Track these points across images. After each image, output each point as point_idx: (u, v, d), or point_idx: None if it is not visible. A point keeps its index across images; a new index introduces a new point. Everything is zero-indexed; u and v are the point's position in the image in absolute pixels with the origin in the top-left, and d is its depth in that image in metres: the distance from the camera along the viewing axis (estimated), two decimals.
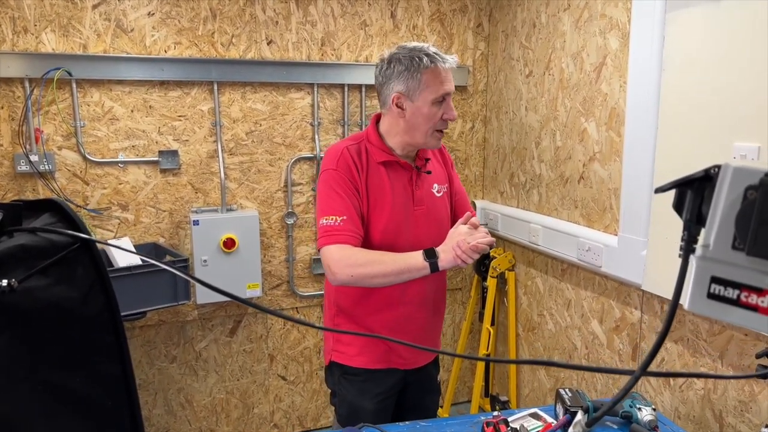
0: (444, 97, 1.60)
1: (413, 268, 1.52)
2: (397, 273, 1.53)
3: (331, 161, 1.62)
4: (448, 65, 1.60)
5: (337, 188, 1.59)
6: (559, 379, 2.51)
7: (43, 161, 2.30)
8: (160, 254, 2.44)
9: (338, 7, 2.66)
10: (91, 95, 2.37)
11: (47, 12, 2.27)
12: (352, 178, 1.60)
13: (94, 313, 0.51)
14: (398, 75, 1.59)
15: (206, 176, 2.58)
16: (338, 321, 1.74)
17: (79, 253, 0.52)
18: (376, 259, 1.53)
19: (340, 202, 1.57)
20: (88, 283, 0.51)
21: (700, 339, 1.79)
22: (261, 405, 2.85)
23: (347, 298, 1.71)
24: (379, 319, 1.70)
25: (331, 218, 1.55)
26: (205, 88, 2.52)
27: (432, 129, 1.62)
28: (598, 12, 2.13)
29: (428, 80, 1.57)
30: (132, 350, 2.58)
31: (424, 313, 1.76)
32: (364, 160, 1.64)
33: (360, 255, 1.53)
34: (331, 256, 1.53)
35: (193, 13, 2.46)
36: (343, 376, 1.75)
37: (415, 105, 1.59)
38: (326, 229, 1.55)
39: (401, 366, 1.76)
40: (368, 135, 1.69)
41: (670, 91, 1.79)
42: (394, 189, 1.65)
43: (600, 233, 2.16)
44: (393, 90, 1.61)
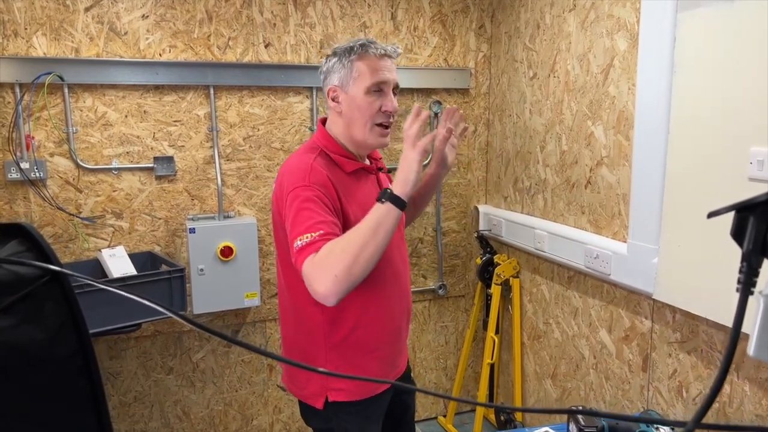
0: (379, 86, 1.48)
1: (381, 218, 1.31)
2: (372, 235, 1.30)
3: (300, 178, 1.42)
4: (381, 52, 1.49)
5: (310, 205, 1.38)
6: (566, 389, 2.44)
7: (35, 168, 2.23)
8: (156, 263, 2.37)
9: (337, 9, 2.59)
10: (83, 100, 2.30)
11: (38, 15, 2.20)
12: (328, 194, 1.42)
13: (65, 356, 0.44)
14: (332, 67, 1.52)
15: (203, 183, 2.52)
16: (331, 357, 1.56)
17: (49, 286, 0.45)
18: (345, 241, 1.31)
19: (316, 217, 1.36)
20: (58, 322, 0.45)
21: (715, 350, 1.73)
22: (260, 416, 2.78)
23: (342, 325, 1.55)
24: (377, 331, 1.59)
25: (307, 236, 1.33)
26: (201, 93, 2.46)
27: (370, 122, 1.49)
28: (605, 12, 2.07)
29: (360, 68, 1.48)
30: (127, 361, 2.51)
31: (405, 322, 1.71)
32: (333, 172, 1.48)
33: (331, 249, 1.30)
34: (307, 271, 1.31)
35: (189, 16, 2.39)
36: (341, 410, 1.59)
37: (349, 96, 1.49)
38: (300, 249, 1.33)
39: (396, 376, 1.71)
40: (325, 143, 1.54)
41: (682, 94, 1.73)
42: (366, 196, 1.52)
43: (608, 240, 2.10)
44: (329, 84, 1.53)
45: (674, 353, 1.87)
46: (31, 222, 2.30)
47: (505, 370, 2.93)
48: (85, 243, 2.37)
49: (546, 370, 2.58)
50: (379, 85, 1.49)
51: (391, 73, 1.51)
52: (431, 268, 2.99)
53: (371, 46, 1.49)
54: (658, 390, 1.95)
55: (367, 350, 1.59)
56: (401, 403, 1.83)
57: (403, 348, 1.75)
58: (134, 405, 2.55)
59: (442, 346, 3.09)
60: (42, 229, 2.31)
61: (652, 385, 1.97)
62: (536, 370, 2.66)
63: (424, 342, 3.04)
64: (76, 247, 2.37)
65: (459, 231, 3.02)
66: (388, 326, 1.62)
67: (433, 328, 3.06)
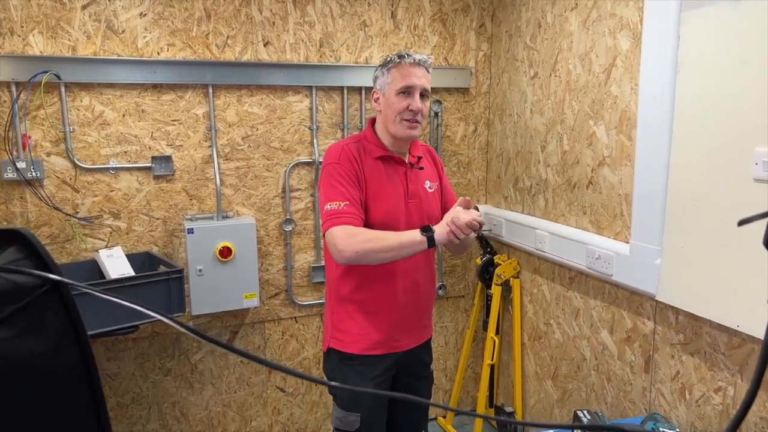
0: (407, 89, 1.77)
1: (413, 242, 1.67)
2: (398, 248, 1.67)
3: (333, 156, 1.80)
4: (412, 61, 1.78)
5: (339, 178, 1.75)
6: (566, 390, 2.43)
7: (31, 168, 2.21)
8: (154, 264, 2.35)
9: (337, 7, 2.57)
10: (80, 99, 2.28)
11: (34, 13, 2.18)
12: (353, 169, 1.77)
13: (66, 368, 0.43)
14: (377, 76, 1.85)
15: (201, 182, 2.49)
16: (337, 309, 1.89)
17: (49, 296, 0.43)
18: (378, 236, 1.68)
19: (342, 190, 1.73)
20: (59, 333, 0.43)
21: (718, 352, 1.71)
22: (259, 418, 2.76)
23: (348, 286, 1.86)
24: (378, 305, 1.85)
25: (335, 203, 1.71)
26: (200, 92, 2.44)
27: (398, 117, 1.78)
28: (607, 11, 2.06)
29: (394, 74, 1.79)
30: (125, 363, 2.49)
31: (419, 296, 1.93)
32: (362, 155, 1.82)
33: (363, 233, 1.69)
34: (337, 235, 1.67)
35: (187, 14, 2.37)
36: (341, 361, 1.88)
37: (386, 97, 1.81)
38: (331, 213, 1.70)
39: (395, 349, 1.90)
40: (365, 134, 1.89)
41: (686, 94, 1.72)
42: (391, 181, 1.84)
43: (610, 240, 2.09)
44: (374, 89, 1.87)
45: (677, 355, 1.86)
46: (28, 222, 2.27)
47: (506, 371, 2.92)
48: (83, 243, 2.34)
49: (547, 371, 2.57)
50: (407, 88, 1.77)
51: (419, 79, 1.79)
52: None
53: (405, 57, 1.79)
54: (660, 392, 1.94)
55: (366, 312, 1.86)
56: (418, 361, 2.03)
57: (412, 328, 1.94)
58: (132, 406, 2.53)
59: (441, 347, 3.07)
60: (38, 229, 2.28)
61: (655, 386, 1.96)
62: (537, 370, 2.64)
63: None
64: (73, 247, 2.34)
65: None
66: (390, 299, 1.86)
67: (433, 329, 3.03)
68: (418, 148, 1.96)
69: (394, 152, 1.86)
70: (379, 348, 1.87)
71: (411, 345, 1.95)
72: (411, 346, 1.95)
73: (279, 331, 2.73)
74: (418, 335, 1.99)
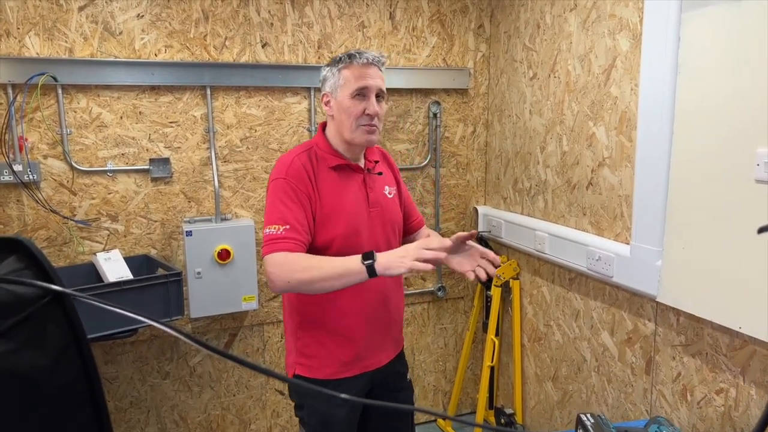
0: (361, 91, 1.63)
1: (351, 272, 1.47)
2: (335, 278, 1.49)
3: (280, 170, 1.64)
4: (365, 61, 1.64)
5: (283, 197, 1.59)
6: (567, 392, 2.42)
7: (28, 171, 2.19)
8: (152, 267, 2.33)
9: (335, 8, 2.56)
10: (77, 101, 2.26)
11: (31, 14, 2.16)
12: (303, 185, 1.61)
13: (68, 382, 0.41)
14: (326, 76, 1.70)
15: (199, 185, 2.48)
16: (300, 334, 1.74)
17: (50, 307, 0.42)
18: (314, 265, 1.51)
19: (285, 210, 1.58)
20: (60, 346, 0.42)
21: (720, 354, 1.71)
22: (258, 421, 2.75)
23: (310, 307, 1.71)
24: (345, 323, 1.72)
25: (274, 227, 1.55)
26: (198, 93, 2.42)
27: (355, 123, 1.64)
28: (606, 12, 2.05)
29: (346, 76, 1.64)
30: (123, 366, 2.47)
31: (387, 310, 1.79)
32: (315, 166, 1.66)
33: (299, 261, 1.52)
34: (270, 263, 1.52)
35: (185, 15, 2.35)
36: (310, 389, 1.71)
37: (338, 101, 1.66)
38: (269, 237, 1.55)
39: (367, 368, 1.77)
40: (317, 142, 1.73)
41: (687, 95, 1.71)
42: (349, 192, 1.69)
43: (611, 242, 2.08)
44: (323, 91, 1.71)
45: (678, 356, 1.86)
46: (24, 225, 2.25)
47: (505, 372, 2.91)
48: (80, 247, 2.33)
49: (547, 373, 2.56)
50: (361, 90, 1.63)
51: (374, 80, 1.65)
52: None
53: (357, 56, 1.64)
54: (661, 393, 1.93)
55: (334, 334, 1.71)
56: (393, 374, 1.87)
57: (384, 344, 1.82)
58: (130, 410, 2.51)
59: (441, 349, 3.07)
60: (35, 232, 2.27)
61: (656, 388, 1.96)
62: (537, 372, 2.64)
63: (423, 344, 3.02)
64: (71, 250, 2.32)
65: (458, 232, 2.98)
66: (357, 316, 1.72)
67: (432, 331, 3.03)
68: (374, 152, 1.82)
69: (350, 159, 1.71)
70: (350, 369, 1.74)
71: (384, 361, 1.82)
72: (384, 362, 1.82)
73: (278, 333, 2.71)
74: (391, 349, 1.85)
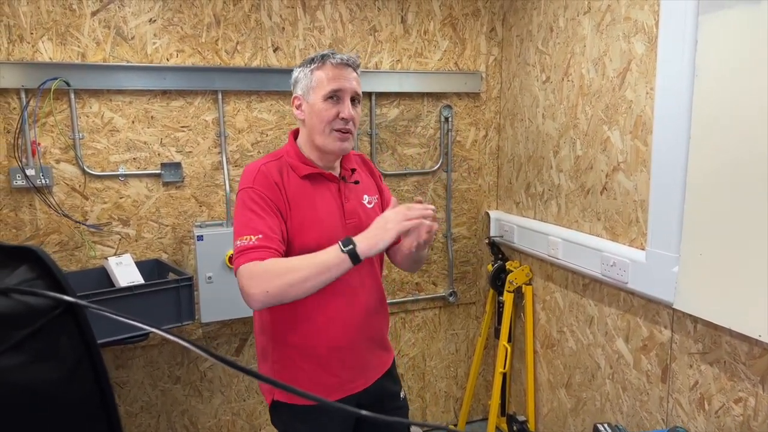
0: (336, 93, 1.52)
1: (332, 264, 1.36)
2: (316, 275, 1.36)
3: (247, 180, 1.53)
4: (339, 61, 1.53)
5: (253, 206, 1.48)
6: (580, 399, 2.39)
7: (40, 175, 2.20)
8: (163, 271, 2.33)
9: (347, 12, 2.56)
10: (90, 106, 2.27)
11: (44, 20, 2.17)
12: (272, 195, 1.50)
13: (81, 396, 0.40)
14: (297, 77, 1.59)
15: (210, 189, 2.48)
16: (276, 356, 1.60)
17: (63, 319, 0.41)
18: (290, 267, 1.38)
19: (255, 219, 1.46)
20: (74, 359, 0.40)
21: (739, 362, 1.67)
22: (268, 426, 2.73)
23: (284, 326, 1.58)
24: (325, 340, 1.58)
25: (246, 238, 1.43)
26: (209, 98, 2.42)
27: (327, 128, 1.53)
28: (621, 15, 2.03)
29: (319, 77, 1.53)
30: (134, 371, 2.47)
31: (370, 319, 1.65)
32: (285, 176, 1.55)
33: (274, 266, 1.39)
34: (243, 276, 1.39)
35: (197, 20, 2.36)
36: (294, 416, 1.59)
37: (309, 104, 1.55)
38: (239, 249, 1.43)
39: (352, 391, 1.63)
40: (287, 150, 1.61)
41: (704, 99, 1.68)
42: (322, 203, 1.57)
43: (626, 247, 2.05)
44: (294, 93, 1.60)
45: (695, 364, 1.82)
46: (37, 230, 2.26)
47: (517, 379, 2.88)
48: (92, 251, 2.33)
49: (560, 380, 2.53)
50: (335, 93, 1.52)
51: (349, 82, 1.54)
52: (441, 274, 2.94)
53: (330, 56, 1.54)
54: (678, 402, 1.90)
55: (312, 356, 1.58)
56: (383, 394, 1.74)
57: (368, 362, 1.68)
58: (141, 415, 2.51)
59: (452, 354, 3.04)
60: (47, 237, 2.27)
61: (672, 396, 1.92)
62: (550, 379, 2.61)
63: (434, 350, 3.00)
64: (82, 255, 2.33)
65: (469, 237, 2.97)
66: (335, 338, 1.59)
67: (444, 336, 3.01)
68: (351, 159, 1.69)
69: (323, 168, 1.59)
70: (334, 393, 1.59)
71: (371, 380, 1.67)
72: (371, 381, 1.67)
73: None
74: (377, 366, 1.71)
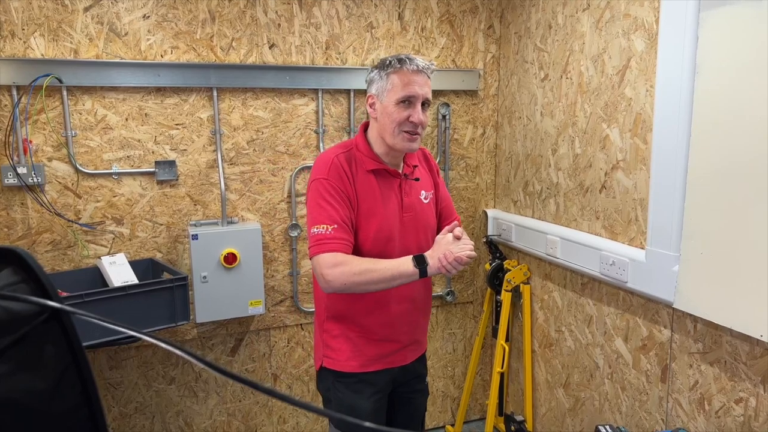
0: (409, 99, 1.63)
1: (405, 274, 1.58)
2: (389, 279, 1.58)
3: (321, 170, 1.66)
4: (414, 68, 1.63)
5: (327, 197, 1.62)
6: (579, 399, 2.37)
7: (32, 174, 2.16)
8: (158, 271, 2.30)
9: (343, 9, 2.53)
10: (82, 103, 2.24)
11: (36, 15, 2.13)
12: (343, 186, 1.64)
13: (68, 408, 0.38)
14: (373, 78, 1.69)
15: (205, 187, 2.45)
16: (328, 326, 1.79)
17: (48, 326, 0.39)
18: (369, 268, 1.58)
19: (331, 210, 1.61)
20: (59, 368, 0.38)
21: (740, 362, 1.66)
22: (264, 427, 2.71)
23: (340, 303, 1.76)
24: (371, 320, 1.76)
25: (322, 227, 1.59)
26: (204, 95, 2.39)
27: (397, 129, 1.64)
28: (621, 12, 2.01)
29: (394, 81, 1.63)
30: (128, 371, 2.44)
31: (413, 311, 1.83)
32: (354, 168, 1.68)
33: (353, 263, 1.58)
34: (324, 264, 1.57)
35: (191, 16, 2.32)
36: (337, 380, 1.80)
37: (383, 105, 1.65)
38: (318, 237, 1.59)
39: (391, 365, 1.82)
40: (357, 143, 1.74)
41: (705, 97, 1.67)
42: (384, 196, 1.71)
43: (625, 246, 2.04)
44: (369, 92, 1.71)
45: (695, 364, 1.81)
46: (29, 229, 2.23)
47: (515, 379, 2.86)
48: (85, 250, 2.30)
49: (558, 379, 2.51)
50: (408, 98, 1.63)
51: (422, 88, 1.64)
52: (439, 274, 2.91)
53: (407, 62, 1.63)
54: (678, 402, 1.89)
55: (360, 328, 1.76)
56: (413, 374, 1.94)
57: (409, 343, 1.85)
58: (135, 416, 2.48)
59: (450, 354, 3.02)
60: (40, 236, 2.24)
61: (672, 396, 1.91)
62: (548, 378, 2.59)
63: (432, 349, 2.97)
64: (75, 254, 2.30)
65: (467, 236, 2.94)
66: (384, 313, 1.76)
67: (441, 336, 2.99)
68: (413, 157, 1.82)
69: (388, 164, 1.72)
70: (375, 364, 1.79)
71: (408, 360, 1.87)
72: (408, 361, 1.87)
73: (284, 338, 2.68)
74: (415, 350, 1.90)
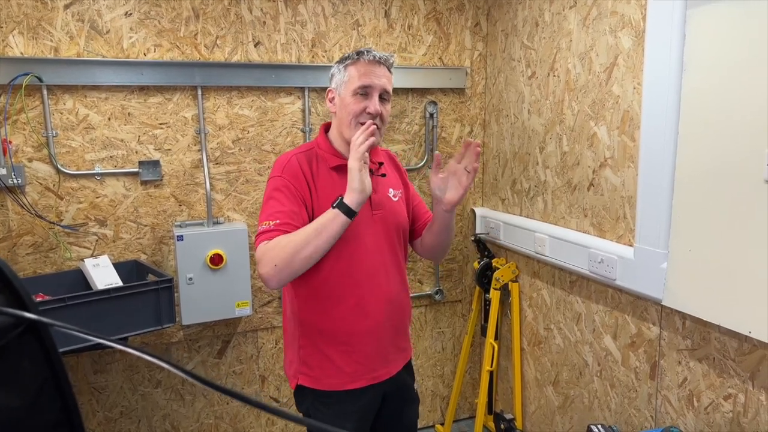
0: (365, 89, 1.59)
1: (326, 221, 1.48)
2: (315, 234, 1.47)
3: (276, 169, 1.63)
4: (371, 59, 1.60)
5: (276, 194, 1.58)
6: (568, 397, 2.38)
7: (12, 175, 2.11)
8: (142, 273, 2.26)
9: (329, 6, 2.50)
10: (63, 102, 2.19)
11: (14, 13, 2.08)
12: (298, 184, 1.59)
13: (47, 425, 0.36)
14: (333, 73, 1.67)
15: (190, 187, 2.41)
16: (304, 343, 1.69)
17: (25, 340, 0.36)
18: (291, 237, 1.49)
19: (277, 205, 1.55)
20: (37, 383, 0.36)
21: (728, 358, 1.67)
22: (252, 429, 2.68)
23: (314, 314, 1.66)
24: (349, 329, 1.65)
25: (266, 223, 1.54)
26: (188, 94, 2.35)
27: (354, 120, 1.59)
28: (608, 9, 2.01)
29: (351, 73, 1.60)
30: (113, 375, 2.40)
31: (393, 315, 1.72)
32: (315, 167, 1.64)
33: (278, 242, 1.48)
34: (257, 257, 1.50)
35: (174, 13, 2.29)
36: (317, 399, 1.69)
37: (341, 97, 1.63)
38: (259, 233, 1.54)
39: (376, 380, 1.71)
40: (318, 142, 1.70)
41: (692, 94, 1.67)
42: None
43: (614, 244, 2.04)
44: (328, 88, 1.68)
45: (684, 361, 1.81)
46: (9, 231, 2.18)
47: (504, 377, 2.86)
48: (67, 252, 2.25)
49: (547, 377, 2.52)
50: (364, 89, 1.59)
51: (379, 79, 1.60)
52: (427, 272, 2.91)
53: (365, 54, 1.60)
54: (667, 399, 1.89)
55: (338, 343, 1.66)
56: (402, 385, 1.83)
57: (390, 354, 1.75)
58: (120, 420, 2.44)
59: (439, 353, 3.01)
60: (21, 238, 2.19)
61: (661, 393, 1.91)
62: (537, 376, 2.59)
63: (421, 348, 2.96)
64: (57, 257, 2.25)
65: (455, 234, 2.94)
66: (362, 324, 1.66)
67: (430, 335, 2.98)
68: (378, 154, 1.76)
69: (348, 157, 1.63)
70: (358, 381, 1.68)
71: (394, 370, 1.76)
72: (394, 371, 1.76)
73: (272, 339, 2.65)
74: (398, 359, 1.79)
